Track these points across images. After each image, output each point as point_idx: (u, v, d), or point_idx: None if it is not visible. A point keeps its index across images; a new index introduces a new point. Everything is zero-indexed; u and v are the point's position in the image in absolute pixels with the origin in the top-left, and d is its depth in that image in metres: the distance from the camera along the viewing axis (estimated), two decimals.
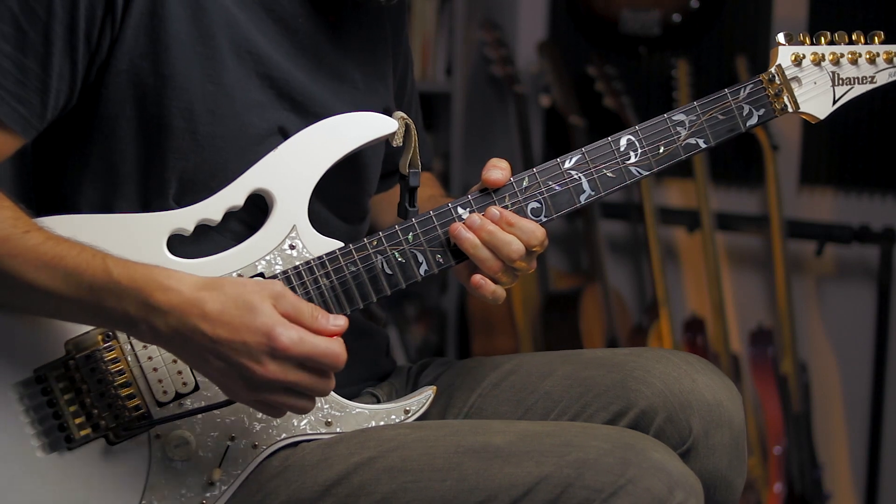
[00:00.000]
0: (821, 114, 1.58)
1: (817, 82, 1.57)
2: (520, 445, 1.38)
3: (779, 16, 3.33)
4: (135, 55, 1.41)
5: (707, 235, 3.25)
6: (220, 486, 1.45)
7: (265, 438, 1.46)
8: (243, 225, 1.47)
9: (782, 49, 1.57)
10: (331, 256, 1.46)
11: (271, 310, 1.31)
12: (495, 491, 1.36)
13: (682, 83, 3.30)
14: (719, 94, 1.55)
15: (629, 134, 1.52)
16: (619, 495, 1.32)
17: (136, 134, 1.44)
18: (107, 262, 1.34)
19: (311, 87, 1.52)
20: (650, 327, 3.33)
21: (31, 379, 1.42)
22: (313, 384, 1.34)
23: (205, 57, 1.43)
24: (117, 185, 1.46)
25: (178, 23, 1.42)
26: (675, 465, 1.36)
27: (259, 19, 1.48)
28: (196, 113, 1.43)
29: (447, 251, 1.48)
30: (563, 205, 1.51)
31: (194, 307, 1.30)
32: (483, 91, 3.56)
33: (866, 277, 3.30)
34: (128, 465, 1.44)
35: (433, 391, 1.52)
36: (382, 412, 1.49)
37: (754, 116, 1.56)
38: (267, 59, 1.48)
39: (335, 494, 1.41)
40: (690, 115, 1.54)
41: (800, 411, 3.22)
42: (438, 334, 3.59)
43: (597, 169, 1.51)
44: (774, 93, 1.56)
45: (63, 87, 1.40)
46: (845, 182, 3.30)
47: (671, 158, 1.53)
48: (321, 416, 1.47)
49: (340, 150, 1.48)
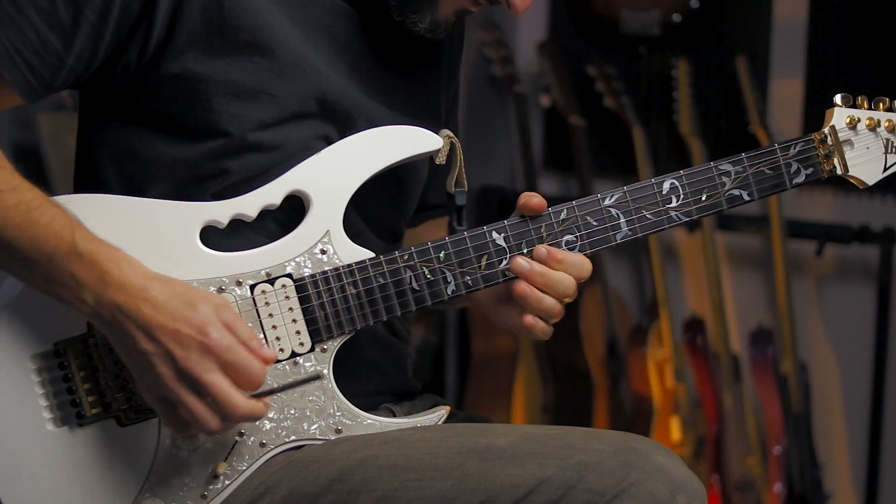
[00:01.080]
0: (869, 180, 1.56)
1: (870, 147, 1.55)
2: (523, 447, 1.38)
3: (779, 16, 3.33)
4: (187, 60, 1.43)
5: (707, 235, 3.25)
6: (224, 480, 1.45)
7: (273, 438, 1.46)
8: (278, 224, 1.48)
9: (838, 111, 1.55)
10: (360, 265, 1.46)
11: (211, 312, 1.35)
12: (497, 492, 1.36)
13: (682, 83, 3.30)
14: (769, 149, 1.53)
15: (673, 178, 1.51)
16: (621, 498, 1.32)
17: (184, 133, 1.46)
18: (75, 233, 1.37)
19: (362, 106, 1.52)
20: (650, 327, 3.33)
21: (51, 352, 1.44)
22: (226, 394, 1.34)
23: (259, 66, 1.45)
24: (156, 174, 1.48)
25: (233, 32, 1.44)
26: (678, 469, 1.36)
27: (315, 36, 1.49)
28: (246, 121, 1.45)
29: (478, 275, 1.48)
30: (598, 242, 1.50)
31: (142, 291, 1.35)
32: (483, 91, 3.56)
33: (866, 277, 3.30)
34: (135, 448, 1.45)
35: (447, 411, 1.52)
36: (393, 426, 1.49)
37: (801, 175, 1.53)
38: (320, 74, 1.49)
39: (337, 491, 1.41)
40: (737, 166, 1.52)
41: (800, 411, 3.22)
42: (438, 334, 3.59)
43: (636, 210, 1.50)
44: (825, 153, 1.54)
45: (79, 67, 1.44)
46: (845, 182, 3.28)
47: (713, 208, 1.51)
48: (332, 422, 1.47)
49: (383, 161, 1.48)
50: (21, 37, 1.40)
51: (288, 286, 1.45)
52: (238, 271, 1.44)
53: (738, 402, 3.27)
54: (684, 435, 3.29)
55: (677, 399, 3.30)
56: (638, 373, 3.34)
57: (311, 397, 1.46)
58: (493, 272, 1.48)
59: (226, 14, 1.44)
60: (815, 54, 3.29)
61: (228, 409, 1.35)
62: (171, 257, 1.42)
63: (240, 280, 1.44)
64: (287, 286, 1.45)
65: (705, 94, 3.39)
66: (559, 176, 3.65)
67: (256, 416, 1.37)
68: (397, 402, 1.62)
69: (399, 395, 1.63)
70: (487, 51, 3.46)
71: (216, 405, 1.35)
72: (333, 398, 1.47)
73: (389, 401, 1.61)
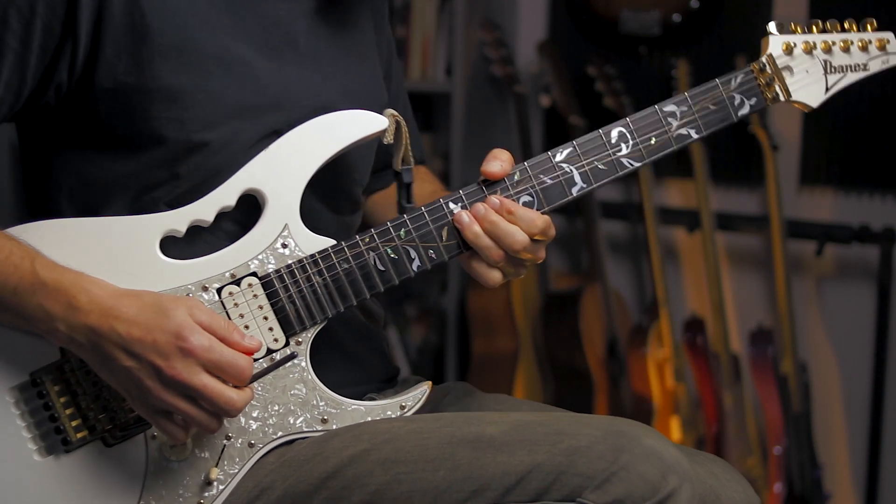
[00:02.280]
0: (813, 102, 1.58)
1: (809, 71, 1.57)
2: (512, 435, 1.38)
3: (779, 15, 3.33)
4: (118, 72, 1.42)
5: (707, 235, 3.25)
6: (218, 486, 1.45)
7: (261, 437, 1.46)
8: (236, 224, 1.48)
9: (773, 38, 1.56)
10: (323, 255, 1.46)
11: (185, 315, 1.35)
12: (488, 480, 1.36)
13: (682, 83, 3.30)
14: (710, 85, 1.54)
15: (620, 126, 1.52)
16: (611, 482, 1.32)
17: (129, 145, 1.45)
18: (35, 264, 1.37)
19: (300, 84, 1.51)
20: (650, 327, 3.33)
21: (27, 382, 1.43)
22: (220, 392, 1.35)
23: (189, 66, 1.44)
24: (108, 193, 1.47)
25: (158, 36, 1.42)
26: (668, 451, 1.35)
27: (238, 20, 1.48)
28: (187, 122, 1.44)
29: (440, 246, 1.48)
30: (554, 197, 1.50)
31: (112, 309, 1.35)
32: (483, 91, 3.56)
33: (866, 277, 3.30)
34: (125, 466, 1.44)
35: (429, 386, 1.52)
36: (378, 409, 1.49)
37: (746, 106, 1.55)
38: (251, 61, 1.47)
39: (330, 487, 1.41)
40: (682, 105, 1.53)
41: (800, 411, 3.22)
42: (438, 334, 3.59)
43: (588, 161, 1.51)
44: (766, 82, 1.56)
45: (9, 97, 1.43)
46: (845, 182, 3.29)
47: (662, 149, 1.52)
48: (317, 413, 1.47)
49: (331, 149, 1.48)
50: None
51: (254, 285, 1.45)
52: (203, 277, 1.44)
53: (738, 402, 3.26)
54: (684, 435, 3.28)
55: (677, 399, 3.30)
56: (638, 373, 3.34)
57: (293, 391, 1.46)
58: (454, 242, 1.48)
59: (147, 17, 1.42)
60: None
61: (226, 406, 1.36)
62: (133, 272, 1.42)
63: (206, 285, 1.44)
64: (253, 285, 1.45)
65: None
66: None
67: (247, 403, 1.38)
68: (381, 391, 1.62)
69: (381, 381, 1.64)
70: (487, 51, 3.46)
71: (212, 405, 1.36)
72: (315, 389, 1.47)
73: (372, 390, 1.61)
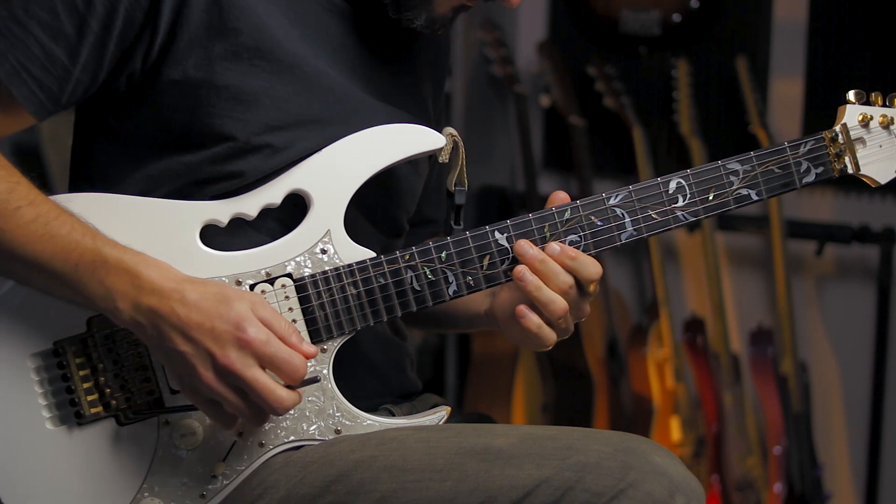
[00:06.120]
0: (882, 179, 1.52)
1: (882, 146, 1.52)
2: (521, 448, 1.38)
3: (779, 16, 3.33)
4: (188, 66, 1.43)
5: (707, 235, 3.25)
6: (222, 480, 1.45)
7: (272, 438, 1.46)
8: (279, 223, 1.47)
9: (850, 108, 1.51)
10: (361, 266, 1.45)
11: (247, 308, 1.35)
12: (495, 492, 1.36)
13: (682, 83, 3.30)
14: (778, 147, 1.49)
15: (680, 177, 1.48)
16: (619, 499, 1.32)
17: (187, 139, 1.46)
18: (97, 241, 1.38)
19: (368, 106, 1.51)
20: (650, 327, 3.33)
21: (49, 351, 1.44)
22: (270, 389, 1.35)
23: (261, 70, 1.44)
24: (157, 183, 1.47)
25: (234, 36, 1.43)
26: (676, 470, 1.36)
27: (314, 36, 1.49)
28: (250, 124, 1.44)
29: (480, 276, 1.46)
30: (602, 242, 1.49)
31: (175, 292, 1.35)
32: (483, 91, 3.56)
33: (866, 277, 3.30)
34: (134, 447, 1.45)
35: (447, 412, 1.51)
36: (393, 427, 1.48)
37: (812, 174, 1.50)
38: (321, 74, 1.48)
39: (335, 492, 1.41)
40: (745, 164, 1.48)
41: (800, 411, 3.22)
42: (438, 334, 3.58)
43: (642, 209, 1.48)
44: (836, 152, 1.50)
45: (85, 78, 1.44)
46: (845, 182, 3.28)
47: (720, 208, 1.48)
48: (332, 423, 1.46)
49: (384, 160, 1.47)
50: (27, 53, 1.40)
51: (288, 286, 1.44)
52: (238, 271, 1.44)
53: (738, 402, 3.27)
54: (684, 435, 3.28)
55: (677, 399, 3.30)
56: (638, 373, 3.34)
57: (311, 398, 1.46)
58: (495, 272, 1.47)
59: (225, 17, 1.43)
60: (815, 54, 3.28)
61: (275, 403, 1.36)
62: (171, 256, 1.41)
63: (239, 280, 1.44)
64: (287, 286, 1.44)
65: (705, 94, 3.39)
66: (559, 176, 3.64)
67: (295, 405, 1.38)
68: (397, 404, 1.61)
69: (399, 396, 1.63)
70: (487, 51, 3.46)
71: (261, 401, 1.36)
72: (333, 399, 1.46)
73: (389, 402, 1.60)
